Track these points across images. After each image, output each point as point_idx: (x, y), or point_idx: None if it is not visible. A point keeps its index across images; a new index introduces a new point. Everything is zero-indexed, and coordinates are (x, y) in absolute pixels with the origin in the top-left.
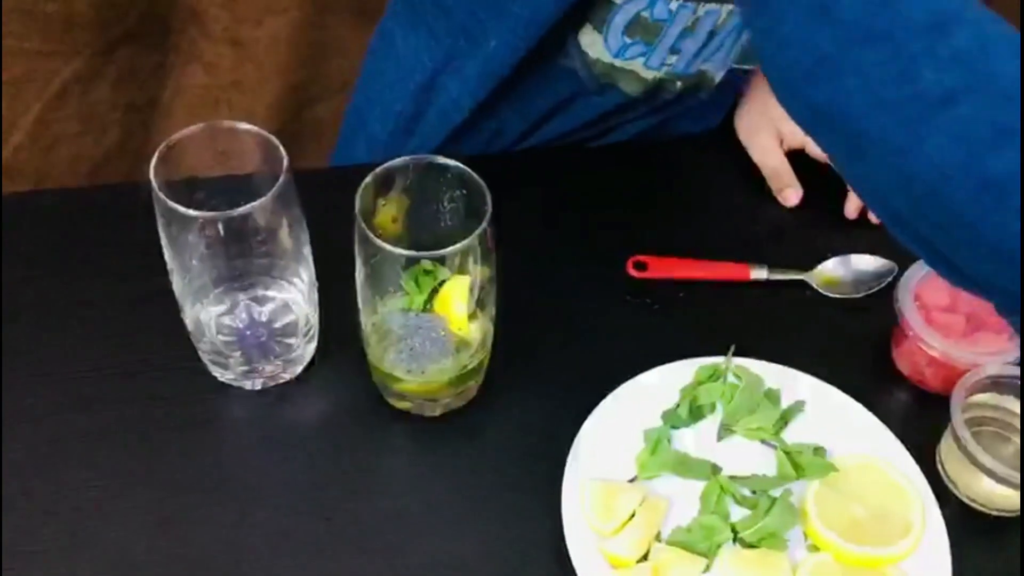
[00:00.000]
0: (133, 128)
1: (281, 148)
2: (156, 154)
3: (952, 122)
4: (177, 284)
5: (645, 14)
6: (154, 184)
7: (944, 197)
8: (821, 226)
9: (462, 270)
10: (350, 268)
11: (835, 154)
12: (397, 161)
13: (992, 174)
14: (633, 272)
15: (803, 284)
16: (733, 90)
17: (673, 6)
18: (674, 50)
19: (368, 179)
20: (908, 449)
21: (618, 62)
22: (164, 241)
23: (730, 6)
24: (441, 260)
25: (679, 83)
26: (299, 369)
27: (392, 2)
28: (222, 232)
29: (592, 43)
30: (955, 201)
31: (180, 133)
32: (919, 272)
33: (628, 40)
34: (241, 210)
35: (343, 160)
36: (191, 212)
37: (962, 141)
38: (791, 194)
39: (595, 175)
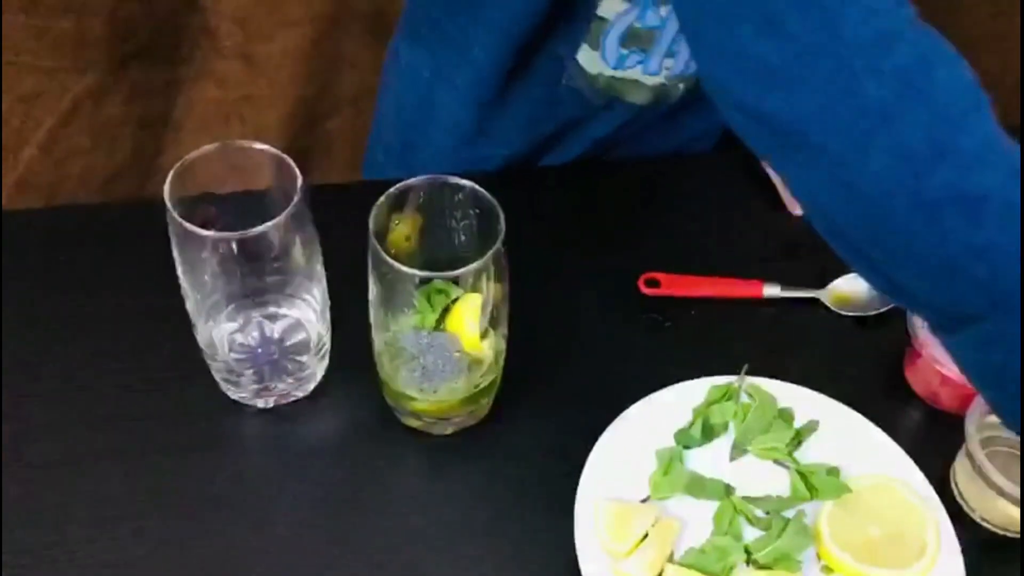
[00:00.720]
0: (144, 143)
1: (295, 167)
2: (171, 173)
3: (893, 138)
4: (190, 302)
5: (637, 24)
6: (168, 203)
7: (884, 211)
8: None
9: (475, 289)
10: (362, 285)
11: (777, 160)
12: (411, 180)
13: (928, 193)
14: (645, 289)
15: (816, 302)
16: None
17: (663, 11)
18: (670, 53)
19: (382, 199)
20: (922, 469)
21: (618, 73)
22: (177, 259)
23: None
24: (455, 280)
25: (682, 85)
26: (311, 387)
27: (400, 18)
28: (235, 251)
29: (590, 60)
30: (894, 216)
31: (195, 152)
32: None
33: (624, 51)
34: (255, 230)
35: (370, 167)
36: (204, 232)
37: (903, 159)
38: None
39: (606, 191)
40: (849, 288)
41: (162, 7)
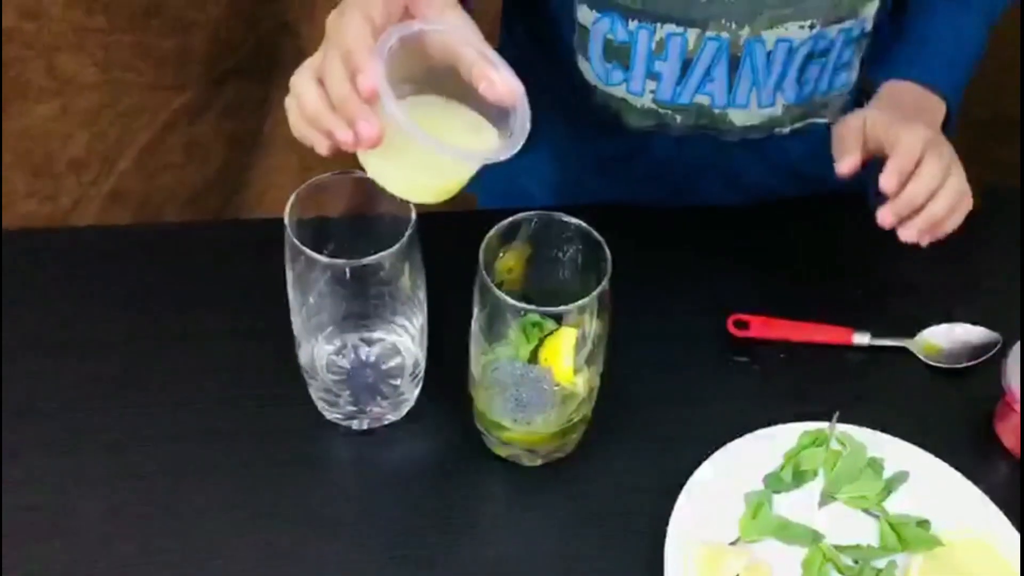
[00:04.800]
0: (232, 159)
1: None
2: (292, 197)
3: None
4: (296, 321)
5: (610, 36)
6: (287, 226)
7: None
8: (925, 293)
9: (576, 324)
10: (458, 311)
11: None
12: (520, 216)
13: None
14: (734, 331)
15: (905, 351)
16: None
17: (632, 26)
18: (652, 75)
19: (493, 232)
20: (1015, 527)
21: (608, 89)
22: (289, 279)
23: (698, 30)
24: (557, 317)
25: (678, 117)
26: (404, 411)
27: None
28: (347, 275)
29: (587, 71)
30: None
31: (315, 179)
32: None
33: (608, 65)
34: (370, 259)
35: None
36: (322, 258)
37: None
38: (846, 162)
39: (699, 233)
40: (939, 339)
41: (262, 27)
